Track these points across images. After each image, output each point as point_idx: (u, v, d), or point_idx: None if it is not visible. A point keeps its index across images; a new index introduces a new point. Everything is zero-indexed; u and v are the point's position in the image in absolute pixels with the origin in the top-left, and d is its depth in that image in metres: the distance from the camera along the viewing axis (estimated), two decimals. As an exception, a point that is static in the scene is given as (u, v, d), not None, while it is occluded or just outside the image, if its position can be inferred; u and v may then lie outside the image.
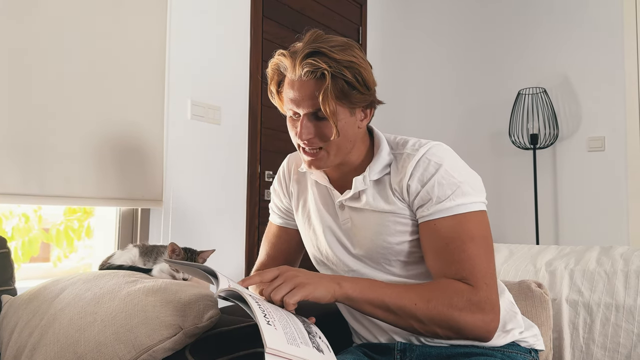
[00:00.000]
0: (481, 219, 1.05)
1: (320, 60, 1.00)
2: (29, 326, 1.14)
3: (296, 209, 1.25)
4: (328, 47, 1.02)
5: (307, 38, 1.05)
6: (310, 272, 0.98)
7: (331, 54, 1.01)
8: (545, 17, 3.60)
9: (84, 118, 1.92)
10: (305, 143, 1.07)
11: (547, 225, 3.49)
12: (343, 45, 1.04)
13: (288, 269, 0.96)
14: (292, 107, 1.07)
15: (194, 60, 2.38)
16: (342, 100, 1.03)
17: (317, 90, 1.02)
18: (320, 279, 0.95)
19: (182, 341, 1.02)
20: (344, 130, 1.06)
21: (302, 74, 1.02)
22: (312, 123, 1.05)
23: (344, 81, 1.02)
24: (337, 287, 0.96)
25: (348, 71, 1.02)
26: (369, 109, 1.10)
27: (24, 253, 1.97)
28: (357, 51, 1.05)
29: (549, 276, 1.70)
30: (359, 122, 1.09)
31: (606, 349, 1.54)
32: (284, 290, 0.91)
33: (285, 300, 0.90)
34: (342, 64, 1.01)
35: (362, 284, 0.99)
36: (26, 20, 1.76)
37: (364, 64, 1.05)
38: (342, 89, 1.02)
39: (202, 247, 1.46)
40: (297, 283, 0.92)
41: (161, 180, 2.18)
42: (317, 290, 0.93)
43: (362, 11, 3.57)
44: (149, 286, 1.10)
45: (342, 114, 1.05)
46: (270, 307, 0.86)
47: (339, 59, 1.01)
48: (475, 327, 0.98)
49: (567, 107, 3.50)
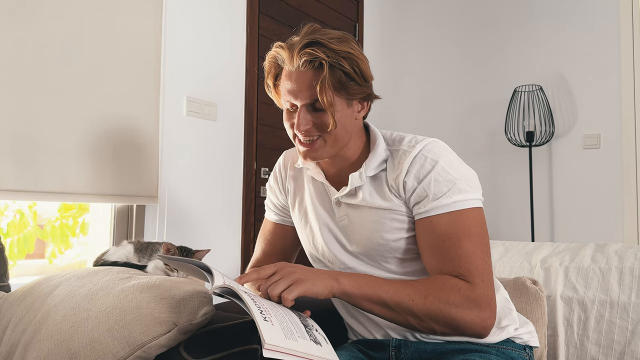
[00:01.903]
0: (477, 216, 1.05)
1: (319, 50, 1.01)
2: (23, 323, 1.13)
3: (292, 206, 1.25)
4: (326, 38, 1.02)
5: (304, 30, 1.05)
6: (307, 267, 0.98)
7: (329, 44, 1.01)
8: (541, 14, 3.60)
9: (79, 114, 1.91)
10: (303, 134, 1.07)
11: (542, 222, 3.50)
12: (340, 38, 1.04)
13: (285, 265, 0.96)
14: (289, 99, 1.07)
15: (190, 56, 2.37)
16: (340, 91, 1.04)
17: (315, 80, 1.02)
18: (318, 275, 0.96)
19: (176, 338, 1.01)
20: (341, 122, 1.06)
21: (300, 64, 1.03)
22: (310, 114, 1.05)
23: (341, 72, 1.02)
24: (335, 283, 0.96)
25: (346, 62, 1.02)
26: (366, 101, 1.10)
27: (19, 250, 1.96)
28: (354, 44, 1.06)
29: (544, 273, 1.70)
30: (356, 114, 1.09)
31: (600, 345, 1.55)
32: (281, 287, 0.91)
33: (283, 296, 0.90)
34: (340, 55, 1.02)
35: (360, 280, 0.99)
36: (21, 17, 1.75)
37: (361, 56, 1.05)
38: (340, 79, 1.02)
39: (197, 243, 1.46)
40: (294, 279, 0.93)
41: (156, 176, 2.17)
42: (315, 286, 0.93)
43: (359, 8, 3.57)
44: (144, 283, 1.10)
45: (339, 105, 1.05)
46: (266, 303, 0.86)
47: (337, 49, 1.01)
48: (472, 324, 0.99)
49: (563, 104, 3.50)
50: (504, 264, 1.84)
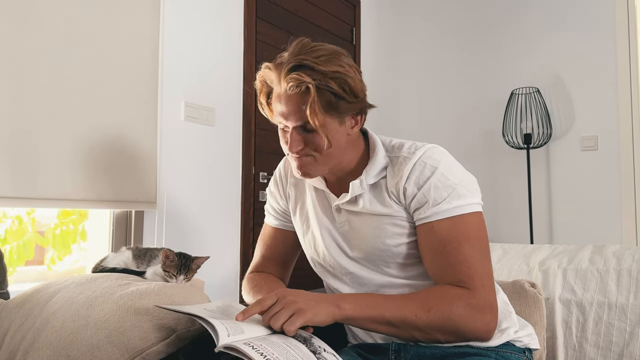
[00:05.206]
0: (477, 220, 1.06)
1: (304, 74, 0.99)
2: (22, 330, 1.13)
3: (294, 211, 1.25)
4: (312, 58, 1.00)
5: (291, 49, 1.04)
6: (308, 294, 0.98)
7: (316, 66, 1.00)
8: (538, 17, 3.61)
9: (77, 120, 1.91)
10: (296, 154, 1.08)
11: (540, 225, 3.51)
12: (329, 54, 1.02)
13: (286, 294, 0.96)
14: (281, 120, 1.07)
15: (187, 61, 2.38)
16: (330, 112, 1.03)
17: (304, 104, 1.01)
18: (319, 303, 0.95)
19: (175, 344, 1.02)
20: (334, 139, 1.05)
21: (287, 88, 1.02)
22: (302, 135, 1.06)
23: (330, 93, 1.01)
24: (337, 309, 0.96)
25: (334, 82, 1.00)
26: (359, 115, 1.09)
27: (19, 256, 1.96)
28: (345, 59, 1.04)
29: (542, 275, 1.71)
30: (349, 130, 1.09)
31: (599, 347, 1.55)
32: (283, 318, 0.91)
33: (285, 328, 0.91)
34: (328, 76, 1.00)
35: (361, 302, 0.99)
36: (18, 24, 1.75)
37: (351, 72, 1.03)
38: (329, 100, 1.01)
39: (196, 248, 1.46)
40: (296, 309, 0.92)
41: (155, 182, 2.17)
42: (316, 315, 0.94)
43: (356, 12, 3.58)
44: (142, 289, 1.10)
45: (331, 124, 1.04)
46: (268, 345, 0.84)
47: (324, 71, 1.00)
48: (475, 329, 1.01)
49: (560, 106, 3.51)
50: (503, 266, 1.84)
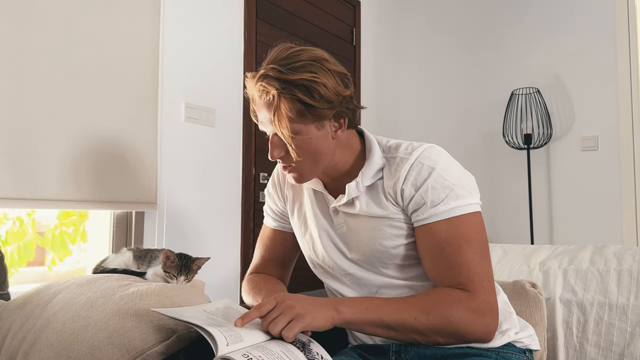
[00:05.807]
0: (476, 221, 1.05)
1: (269, 85, 0.99)
2: (22, 331, 1.13)
3: (292, 212, 1.25)
4: (280, 67, 1.00)
5: (269, 57, 1.04)
6: (307, 298, 0.97)
7: (284, 75, 0.99)
8: (538, 17, 3.61)
9: (77, 121, 1.91)
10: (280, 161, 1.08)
11: (541, 225, 3.51)
12: (303, 61, 1.00)
13: (285, 298, 0.96)
14: (260, 128, 1.08)
15: (188, 62, 2.38)
16: (303, 118, 1.02)
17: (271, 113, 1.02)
18: (317, 308, 0.95)
19: (175, 345, 1.02)
20: (313, 147, 1.05)
21: (257, 97, 1.03)
22: (280, 142, 1.06)
23: (297, 101, 1.00)
24: (335, 313, 0.96)
25: (300, 90, 0.99)
26: (341, 118, 1.07)
27: (19, 257, 1.96)
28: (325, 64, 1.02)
29: (543, 276, 1.71)
30: (332, 134, 1.07)
31: (600, 347, 1.55)
32: (281, 324, 0.91)
33: (284, 334, 0.90)
34: (293, 84, 0.99)
35: (360, 306, 0.99)
36: (17, 24, 1.75)
37: (324, 79, 1.00)
38: (299, 109, 1.00)
39: (197, 249, 1.46)
40: (294, 314, 0.92)
41: (155, 183, 2.18)
42: (315, 320, 0.93)
43: (356, 12, 3.58)
44: (143, 290, 1.10)
45: (306, 132, 1.03)
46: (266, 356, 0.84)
47: (292, 79, 0.99)
48: (476, 332, 1.00)
49: (561, 107, 3.51)
50: (503, 267, 1.84)
